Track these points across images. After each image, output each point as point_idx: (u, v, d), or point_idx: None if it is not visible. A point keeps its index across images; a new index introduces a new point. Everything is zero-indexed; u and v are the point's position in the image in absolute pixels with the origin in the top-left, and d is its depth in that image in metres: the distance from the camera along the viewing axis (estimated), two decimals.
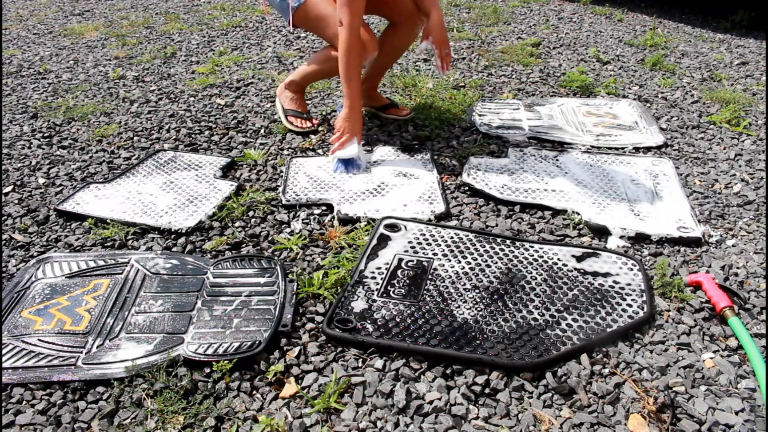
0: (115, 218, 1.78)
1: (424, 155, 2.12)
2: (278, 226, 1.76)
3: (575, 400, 1.19)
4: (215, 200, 1.87)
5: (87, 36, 3.73)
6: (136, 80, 2.96)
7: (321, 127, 2.36)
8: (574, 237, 1.69)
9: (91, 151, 2.24)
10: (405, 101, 2.58)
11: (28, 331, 1.35)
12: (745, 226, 1.74)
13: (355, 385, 1.22)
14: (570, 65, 3.06)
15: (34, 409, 1.18)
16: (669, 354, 1.29)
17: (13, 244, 1.70)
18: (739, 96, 2.61)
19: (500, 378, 1.23)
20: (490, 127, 2.34)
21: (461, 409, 1.17)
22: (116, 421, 1.16)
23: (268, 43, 3.51)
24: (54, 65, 3.21)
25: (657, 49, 3.30)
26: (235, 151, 2.22)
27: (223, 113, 2.54)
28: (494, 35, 3.58)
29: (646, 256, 1.60)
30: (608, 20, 3.95)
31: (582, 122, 2.38)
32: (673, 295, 1.45)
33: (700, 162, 2.10)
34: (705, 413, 1.16)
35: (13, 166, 2.14)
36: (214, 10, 4.29)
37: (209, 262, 1.57)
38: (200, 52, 3.38)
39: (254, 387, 1.23)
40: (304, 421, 1.15)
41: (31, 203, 1.91)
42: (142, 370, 1.24)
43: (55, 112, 2.59)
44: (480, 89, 2.74)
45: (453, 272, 1.52)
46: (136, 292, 1.47)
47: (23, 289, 1.49)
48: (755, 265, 1.57)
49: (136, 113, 2.58)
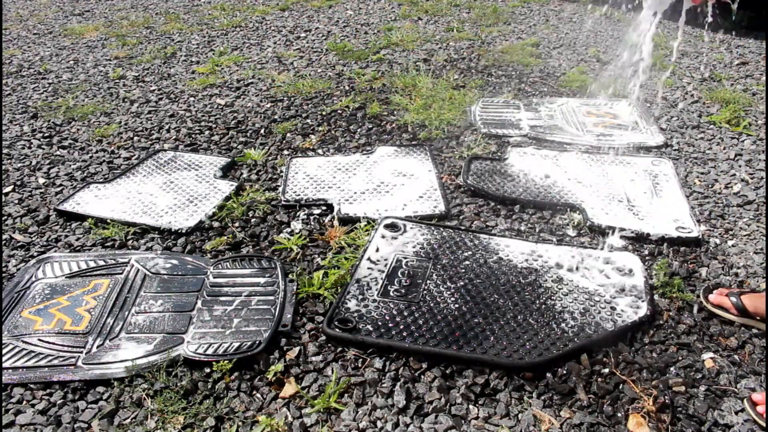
0: (115, 218, 1.77)
1: (424, 155, 2.12)
2: (278, 226, 1.76)
3: (575, 400, 1.19)
4: (215, 200, 1.87)
5: (87, 36, 3.73)
6: (136, 80, 2.96)
7: (321, 126, 2.36)
8: (573, 237, 1.69)
9: (91, 151, 2.24)
10: (405, 101, 2.58)
11: (28, 331, 1.35)
12: (745, 226, 1.74)
13: (355, 385, 1.22)
14: (570, 65, 3.06)
15: (34, 409, 1.18)
16: (669, 354, 1.29)
17: (13, 244, 1.70)
18: (739, 96, 2.61)
19: (500, 378, 1.23)
20: (490, 126, 2.34)
21: (461, 409, 1.17)
22: (116, 421, 1.16)
23: (268, 43, 3.51)
24: (54, 65, 3.20)
25: (657, 49, 3.30)
26: (235, 151, 2.22)
27: (223, 113, 2.54)
28: (494, 35, 3.58)
29: (645, 256, 1.60)
30: (608, 20, 3.95)
31: (582, 122, 2.38)
32: (673, 295, 1.45)
33: (699, 162, 2.10)
34: (705, 413, 1.16)
35: (13, 166, 2.14)
36: (214, 10, 4.29)
37: (209, 262, 1.57)
38: (200, 52, 3.38)
39: (254, 387, 1.23)
40: (304, 421, 1.15)
41: (31, 203, 1.91)
42: (142, 370, 1.24)
43: (55, 112, 2.59)
44: (480, 89, 2.74)
45: (453, 272, 1.52)
46: (136, 292, 1.47)
47: (23, 289, 1.49)
48: (755, 265, 1.57)
49: (136, 113, 2.58)
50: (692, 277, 1.53)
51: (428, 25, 3.84)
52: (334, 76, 2.95)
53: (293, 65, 3.11)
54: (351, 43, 3.43)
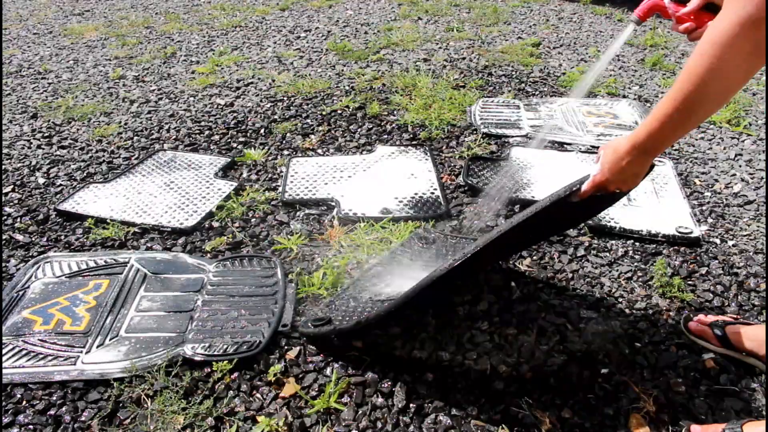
0: (115, 218, 1.77)
1: (424, 155, 2.12)
2: (278, 226, 1.76)
3: (575, 400, 1.19)
4: (215, 200, 1.87)
5: (87, 36, 3.73)
6: (136, 80, 2.96)
7: (321, 126, 2.36)
8: (573, 236, 1.69)
9: (91, 151, 2.24)
10: (405, 101, 2.58)
11: (28, 331, 1.35)
12: (745, 226, 1.74)
13: (355, 385, 1.22)
14: (570, 65, 3.06)
15: (34, 409, 1.18)
16: (669, 354, 1.29)
17: (13, 244, 1.70)
18: (739, 96, 2.61)
19: (500, 378, 1.23)
20: (490, 126, 2.34)
21: (461, 410, 1.17)
22: (116, 421, 1.16)
23: (268, 43, 3.51)
24: (54, 65, 3.20)
25: (657, 49, 3.30)
26: (235, 151, 2.22)
27: (223, 113, 2.54)
28: (494, 35, 3.58)
29: (645, 256, 1.60)
30: (608, 20, 3.95)
31: (582, 122, 2.38)
32: (673, 295, 1.45)
33: (700, 162, 2.10)
34: (705, 413, 1.16)
35: (13, 166, 2.14)
36: (214, 10, 4.29)
37: (209, 262, 1.57)
38: (200, 52, 3.38)
39: (254, 387, 1.23)
40: (304, 421, 1.15)
41: (31, 203, 1.91)
42: (141, 370, 1.24)
43: (55, 112, 2.59)
44: (480, 89, 2.74)
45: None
46: (136, 291, 1.47)
47: (23, 289, 1.49)
48: (755, 265, 1.57)
49: (136, 113, 2.58)
50: (692, 277, 1.53)
51: (428, 25, 3.84)
52: (334, 76, 2.95)
53: (293, 65, 3.11)
54: (351, 43, 3.43)
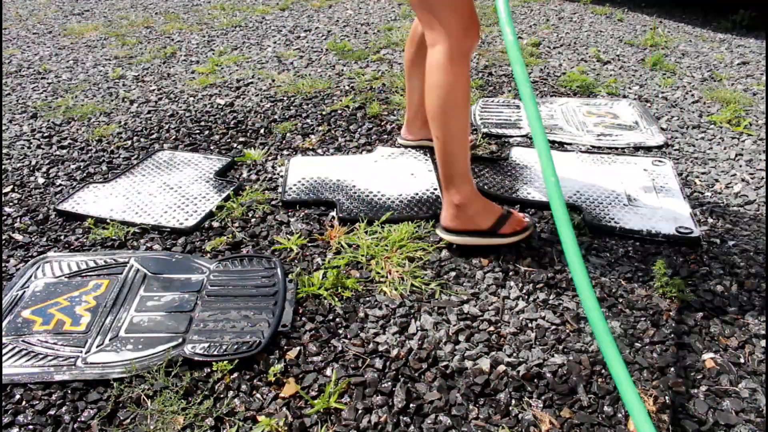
0: (114, 218, 1.77)
1: (424, 155, 2.12)
2: (278, 226, 1.76)
3: (575, 400, 1.19)
4: (215, 200, 1.87)
5: (87, 36, 3.73)
6: (136, 80, 2.96)
7: (320, 126, 2.35)
8: None
9: (91, 151, 2.24)
10: (405, 101, 2.58)
11: (28, 331, 1.35)
12: (746, 226, 1.74)
13: (355, 385, 1.22)
14: (570, 65, 3.06)
15: (34, 409, 1.18)
16: (669, 354, 1.29)
17: (13, 244, 1.70)
18: (740, 96, 2.61)
19: (500, 378, 1.23)
20: (490, 126, 2.33)
21: (461, 409, 1.17)
22: (116, 422, 1.16)
23: (268, 42, 3.51)
24: (53, 65, 3.20)
25: (657, 49, 3.30)
26: (235, 150, 2.22)
27: (223, 113, 2.54)
28: (494, 35, 3.58)
29: (645, 256, 1.60)
30: (608, 20, 3.95)
31: (582, 122, 2.38)
32: (673, 295, 1.45)
33: (700, 162, 2.10)
34: (705, 413, 1.15)
35: (12, 166, 2.14)
36: (214, 10, 4.28)
37: (209, 262, 1.57)
38: (200, 51, 3.38)
39: (254, 387, 1.23)
40: (304, 421, 1.15)
41: (31, 203, 1.91)
42: (141, 371, 1.24)
43: (54, 112, 2.59)
44: (480, 89, 2.73)
45: None
46: (135, 291, 1.47)
47: (23, 289, 1.49)
48: (755, 265, 1.57)
49: (136, 113, 2.58)
50: (692, 278, 1.53)
51: None
52: (334, 76, 2.95)
53: (293, 65, 3.11)
54: (351, 43, 3.43)
